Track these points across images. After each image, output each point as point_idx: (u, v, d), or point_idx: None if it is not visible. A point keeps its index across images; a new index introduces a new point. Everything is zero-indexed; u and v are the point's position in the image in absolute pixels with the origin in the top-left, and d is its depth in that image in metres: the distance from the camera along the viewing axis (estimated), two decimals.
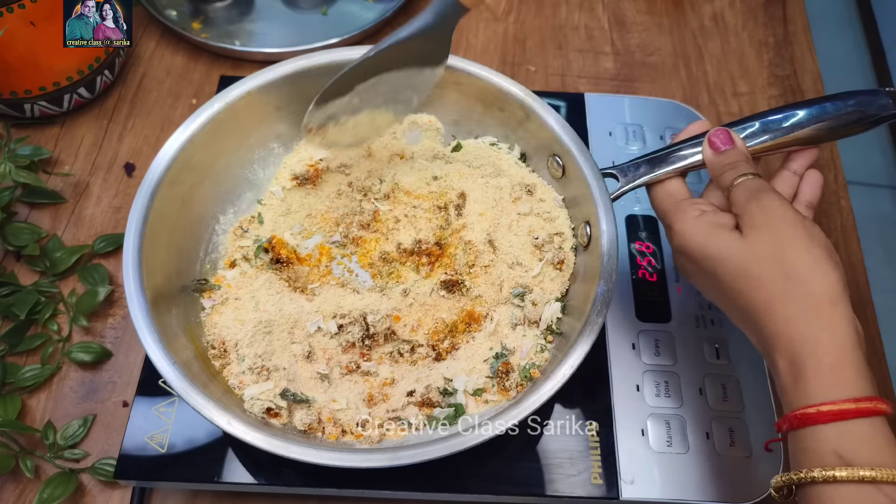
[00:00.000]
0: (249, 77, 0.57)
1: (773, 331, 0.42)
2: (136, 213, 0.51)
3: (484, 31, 0.83)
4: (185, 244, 0.56)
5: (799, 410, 0.39)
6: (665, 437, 0.54)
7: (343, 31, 0.77)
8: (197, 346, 0.52)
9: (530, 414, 0.45)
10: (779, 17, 0.85)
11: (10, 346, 0.59)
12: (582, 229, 0.55)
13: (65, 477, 0.53)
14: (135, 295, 0.48)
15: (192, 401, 0.45)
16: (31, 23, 0.63)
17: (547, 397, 0.45)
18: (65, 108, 0.71)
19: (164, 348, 0.46)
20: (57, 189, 0.68)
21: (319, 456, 0.44)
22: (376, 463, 0.44)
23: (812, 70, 0.80)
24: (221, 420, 0.44)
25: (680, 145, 0.53)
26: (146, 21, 0.81)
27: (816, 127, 0.51)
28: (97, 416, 0.57)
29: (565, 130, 0.56)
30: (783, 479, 0.40)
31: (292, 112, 0.60)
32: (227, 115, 0.57)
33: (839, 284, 0.42)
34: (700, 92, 0.78)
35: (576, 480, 0.52)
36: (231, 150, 0.59)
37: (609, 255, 0.50)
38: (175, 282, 0.54)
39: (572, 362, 0.46)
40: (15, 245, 0.63)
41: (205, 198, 0.58)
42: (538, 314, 0.53)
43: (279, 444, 0.44)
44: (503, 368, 0.51)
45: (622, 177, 0.53)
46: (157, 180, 0.52)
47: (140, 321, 0.47)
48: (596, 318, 0.48)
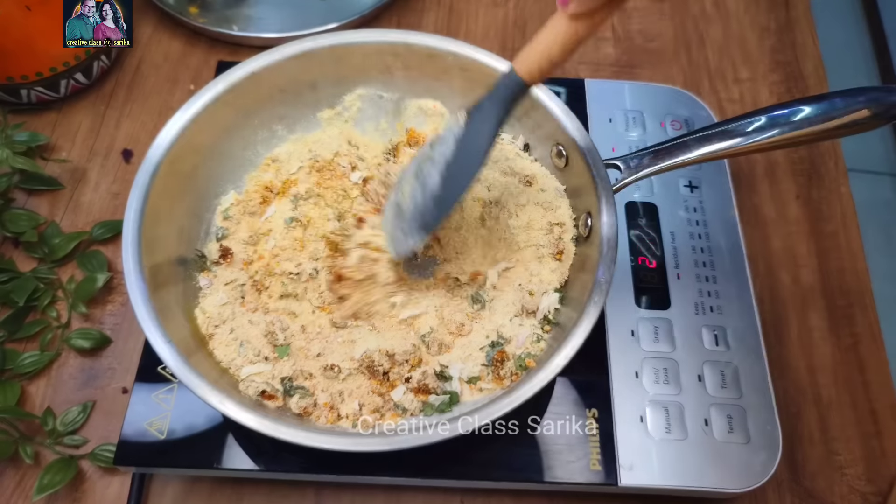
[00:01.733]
0: (253, 58, 0.57)
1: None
2: (137, 192, 0.50)
3: (484, 16, 0.82)
4: (185, 223, 0.56)
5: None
6: (664, 424, 0.54)
7: (342, 15, 0.76)
8: (194, 325, 0.52)
9: (521, 403, 0.44)
10: (780, 1, 0.84)
11: (8, 333, 0.59)
12: (583, 220, 0.55)
13: (64, 463, 0.54)
14: (132, 270, 0.48)
15: (184, 377, 0.44)
16: (26, 7, 0.62)
17: (539, 387, 0.45)
18: (62, 94, 0.71)
19: (159, 324, 0.46)
20: (55, 175, 0.68)
21: (310, 438, 0.43)
22: (367, 447, 0.44)
23: (814, 56, 0.80)
24: (214, 398, 0.44)
25: (685, 138, 0.52)
26: (143, 6, 0.80)
27: (824, 124, 0.50)
28: (97, 402, 0.57)
29: (570, 120, 0.55)
30: None
31: (295, 94, 0.60)
32: (230, 96, 0.56)
33: None
34: (701, 78, 0.78)
35: (574, 467, 0.52)
36: (234, 131, 0.59)
37: (609, 246, 0.50)
38: (175, 261, 0.54)
39: (567, 352, 0.46)
40: (13, 231, 0.63)
41: (207, 177, 0.58)
42: (535, 304, 0.53)
43: (270, 425, 0.43)
44: (498, 357, 0.51)
45: (625, 168, 0.53)
46: (160, 159, 0.52)
47: (137, 297, 0.47)
48: (592, 310, 0.47)
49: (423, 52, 0.59)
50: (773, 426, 0.54)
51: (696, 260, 0.61)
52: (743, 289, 0.60)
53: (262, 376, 0.50)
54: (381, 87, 0.62)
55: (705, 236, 0.62)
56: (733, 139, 0.51)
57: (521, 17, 0.82)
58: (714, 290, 0.60)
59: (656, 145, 0.53)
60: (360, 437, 0.45)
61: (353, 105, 0.62)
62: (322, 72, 0.60)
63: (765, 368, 0.56)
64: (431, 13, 0.82)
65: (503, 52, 0.79)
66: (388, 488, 0.55)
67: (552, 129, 0.57)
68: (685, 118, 0.69)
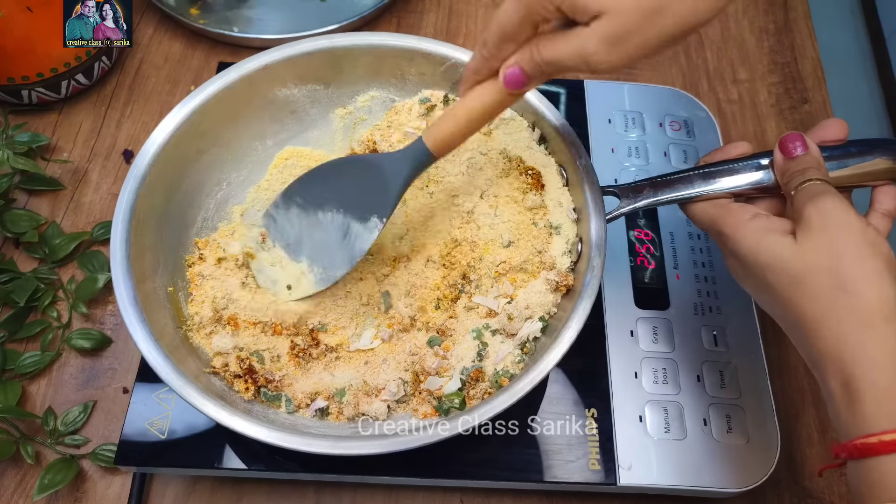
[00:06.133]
0: (265, 52, 0.57)
1: (823, 348, 0.39)
2: (136, 171, 0.51)
3: (484, 17, 0.82)
4: (183, 205, 0.56)
5: (859, 440, 0.36)
6: (663, 424, 0.54)
7: (342, 17, 0.77)
8: (178, 309, 0.53)
9: (483, 423, 0.44)
10: (779, 3, 0.84)
11: (9, 333, 0.59)
12: (574, 245, 0.53)
13: (65, 463, 0.54)
14: (119, 242, 0.48)
15: (157, 365, 0.45)
16: (27, 8, 0.62)
17: (497, 412, 0.44)
18: (63, 95, 0.71)
19: (135, 301, 0.47)
20: (55, 176, 0.68)
21: (308, 444, 0.44)
22: (366, 450, 0.44)
23: (812, 57, 0.80)
24: (211, 409, 0.44)
25: (689, 172, 0.50)
26: (144, 7, 0.80)
27: (837, 171, 0.47)
28: (97, 402, 0.58)
29: (574, 143, 0.54)
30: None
31: (310, 90, 0.61)
32: (242, 85, 0.57)
33: (895, 301, 0.38)
34: (700, 79, 0.78)
35: (574, 466, 0.52)
36: (243, 121, 0.59)
37: (593, 277, 0.49)
38: (167, 241, 0.54)
39: (532, 378, 0.45)
40: (14, 232, 0.63)
41: (210, 164, 0.58)
42: (515, 329, 0.52)
43: (266, 433, 0.44)
44: (474, 376, 0.50)
45: (623, 197, 0.52)
46: (163, 142, 0.53)
47: (118, 270, 0.48)
48: (565, 335, 0.46)
49: (437, 61, 0.59)
50: (772, 426, 0.54)
51: (695, 260, 0.61)
52: (742, 289, 0.60)
53: (233, 356, 0.51)
54: (394, 91, 0.62)
55: (704, 237, 0.63)
56: (738, 180, 0.49)
57: None
58: (713, 290, 0.60)
59: (658, 176, 0.52)
60: (359, 440, 0.45)
61: (364, 106, 0.63)
62: (339, 69, 0.60)
63: (764, 368, 0.56)
64: (431, 14, 0.82)
65: None
66: (388, 488, 0.56)
67: (556, 147, 0.56)
68: (684, 119, 0.69)
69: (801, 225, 0.42)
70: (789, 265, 0.41)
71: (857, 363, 0.37)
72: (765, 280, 0.42)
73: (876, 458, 0.36)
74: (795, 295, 0.40)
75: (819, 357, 0.39)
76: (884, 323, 0.37)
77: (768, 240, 0.43)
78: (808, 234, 0.41)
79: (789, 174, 0.45)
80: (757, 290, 0.45)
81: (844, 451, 0.37)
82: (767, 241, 0.43)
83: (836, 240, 0.40)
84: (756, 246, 0.43)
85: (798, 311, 0.40)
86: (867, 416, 0.36)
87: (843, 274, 0.39)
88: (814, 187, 0.43)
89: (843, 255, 0.39)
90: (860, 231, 0.40)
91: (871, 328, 0.37)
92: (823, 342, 0.39)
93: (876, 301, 0.38)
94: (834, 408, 0.39)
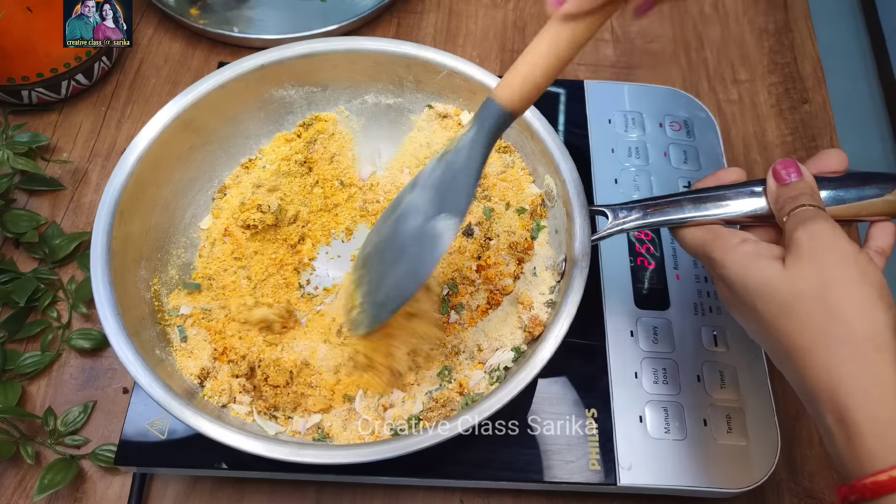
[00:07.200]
0: (261, 53, 0.58)
1: (815, 380, 0.37)
2: (128, 161, 0.52)
3: (483, 17, 0.82)
4: (171, 201, 0.57)
5: (868, 478, 0.34)
6: (663, 424, 0.54)
7: (342, 17, 0.77)
8: (158, 302, 0.53)
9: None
10: (779, 3, 0.84)
11: (9, 333, 0.59)
12: (559, 263, 0.54)
13: (65, 463, 0.54)
14: (101, 232, 0.49)
15: (135, 372, 0.45)
16: (27, 8, 0.62)
17: (449, 435, 0.43)
18: (63, 95, 0.71)
19: (113, 299, 0.47)
20: (55, 176, 0.68)
21: (306, 455, 0.44)
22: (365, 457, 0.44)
23: (812, 57, 0.80)
24: (208, 427, 0.45)
25: (679, 196, 0.48)
26: (144, 7, 0.80)
27: (836, 206, 0.45)
28: (97, 402, 0.58)
29: (566, 163, 0.54)
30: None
31: (307, 92, 0.61)
32: (237, 85, 0.57)
33: (887, 329, 0.36)
34: (700, 79, 0.78)
35: (574, 466, 0.52)
36: (238, 120, 0.59)
37: (571, 302, 0.48)
38: (153, 234, 0.55)
39: (491, 404, 0.44)
40: (14, 232, 0.63)
41: (202, 160, 0.59)
42: (484, 358, 0.51)
43: (262, 446, 0.44)
44: (440, 397, 0.50)
45: (612, 217, 0.50)
46: (155, 136, 0.54)
47: (97, 259, 0.48)
48: (535, 360, 0.46)
49: (434, 70, 0.59)
50: (772, 426, 0.54)
51: (695, 261, 0.61)
52: None
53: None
54: (391, 96, 0.62)
55: None
56: (730, 206, 0.47)
57: (521, 18, 0.82)
58: (713, 290, 0.60)
59: (649, 199, 0.50)
60: (357, 447, 0.45)
61: (361, 109, 0.63)
62: (335, 75, 0.61)
63: (764, 369, 0.56)
64: (431, 14, 0.82)
65: (502, 53, 0.79)
66: (388, 488, 0.56)
67: (548, 165, 0.56)
68: (684, 119, 0.69)
69: (790, 250, 0.40)
70: (777, 292, 0.39)
71: (850, 395, 0.36)
72: (753, 307, 0.41)
73: (890, 495, 0.34)
74: (784, 323, 0.39)
75: (811, 390, 0.38)
76: (875, 352, 0.36)
77: (757, 265, 0.41)
78: (798, 259, 0.39)
79: (782, 201, 0.44)
80: (746, 319, 0.43)
81: (854, 492, 0.35)
82: (756, 267, 0.41)
83: (826, 266, 0.38)
84: (744, 271, 0.42)
85: (787, 340, 0.39)
86: (871, 451, 0.35)
87: (832, 301, 0.37)
88: (805, 212, 0.41)
89: (833, 282, 0.38)
90: (851, 257, 0.39)
91: (863, 358, 0.36)
92: (815, 373, 0.37)
93: (868, 329, 0.36)
94: (833, 446, 0.37)
